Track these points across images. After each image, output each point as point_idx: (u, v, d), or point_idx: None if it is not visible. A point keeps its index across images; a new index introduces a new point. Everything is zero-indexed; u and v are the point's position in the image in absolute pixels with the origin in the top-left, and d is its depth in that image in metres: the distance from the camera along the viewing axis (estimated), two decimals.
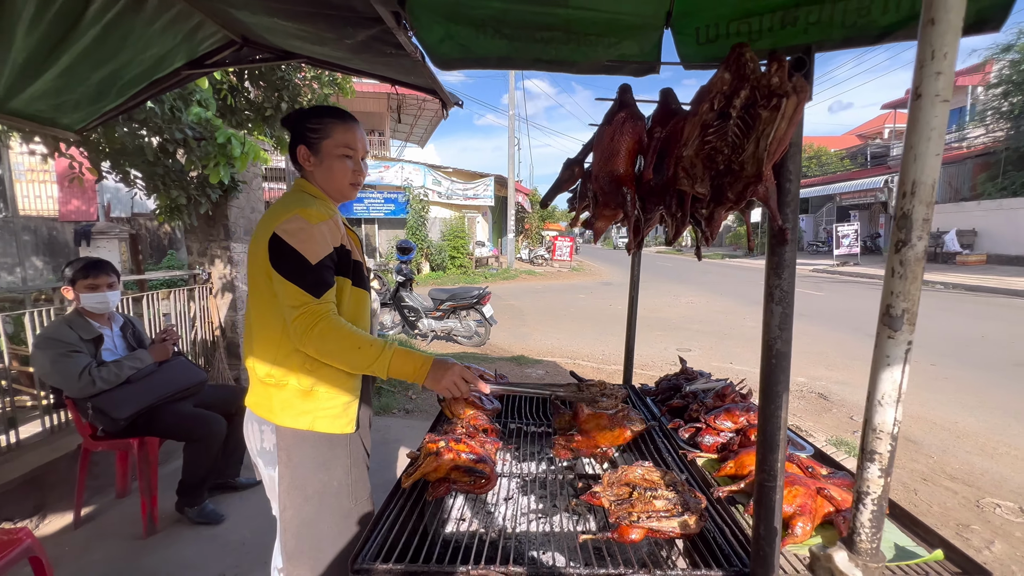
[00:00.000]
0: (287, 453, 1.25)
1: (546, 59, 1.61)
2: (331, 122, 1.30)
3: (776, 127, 0.61)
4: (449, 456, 1.10)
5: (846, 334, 7.26)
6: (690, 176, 0.75)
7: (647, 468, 1.01)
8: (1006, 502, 2.95)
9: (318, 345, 1.14)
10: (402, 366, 1.17)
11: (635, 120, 0.90)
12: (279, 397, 1.23)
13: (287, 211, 1.19)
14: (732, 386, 1.44)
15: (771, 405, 0.71)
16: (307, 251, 1.16)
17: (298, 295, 1.14)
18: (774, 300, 0.70)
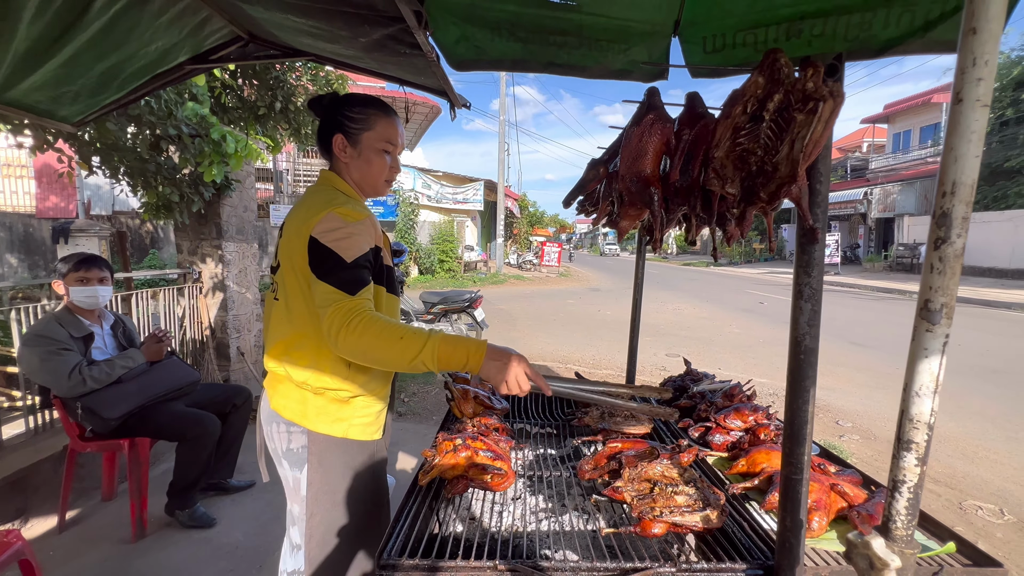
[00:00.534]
0: (319, 458, 1.21)
1: (559, 63, 1.63)
2: (375, 113, 1.25)
3: (812, 130, 0.63)
4: (467, 453, 1.10)
5: (829, 342, 7.42)
6: (720, 177, 0.77)
7: (666, 465, 1.03)
8: (987, 504, 3.04)
9: (355, 342, 1.02)
10: (452, 354, 1.02)
11: (663, 122, 0.92)
12: (315, 403, 1.19)
13: (320, 211, 1.13)
14: (739, 386, 1.47)
15: (798, 400, 0.73)
16: (342, 249, 1.10)
17: (330, 293, 1.06)
18: (803, 297, 0.72)
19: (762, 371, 5.81)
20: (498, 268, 19.03)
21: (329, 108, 1.27)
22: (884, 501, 1.04)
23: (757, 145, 0.72)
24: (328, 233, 1.11)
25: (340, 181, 1.28)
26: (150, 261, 12.63)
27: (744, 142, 0.73)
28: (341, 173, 1.29)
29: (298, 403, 1.20)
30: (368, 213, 1.21)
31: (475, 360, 1.04)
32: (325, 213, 1.13)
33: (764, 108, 0.70)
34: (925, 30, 1.40)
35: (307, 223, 1.13)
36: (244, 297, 4.39)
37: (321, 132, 1.28)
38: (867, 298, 12.65)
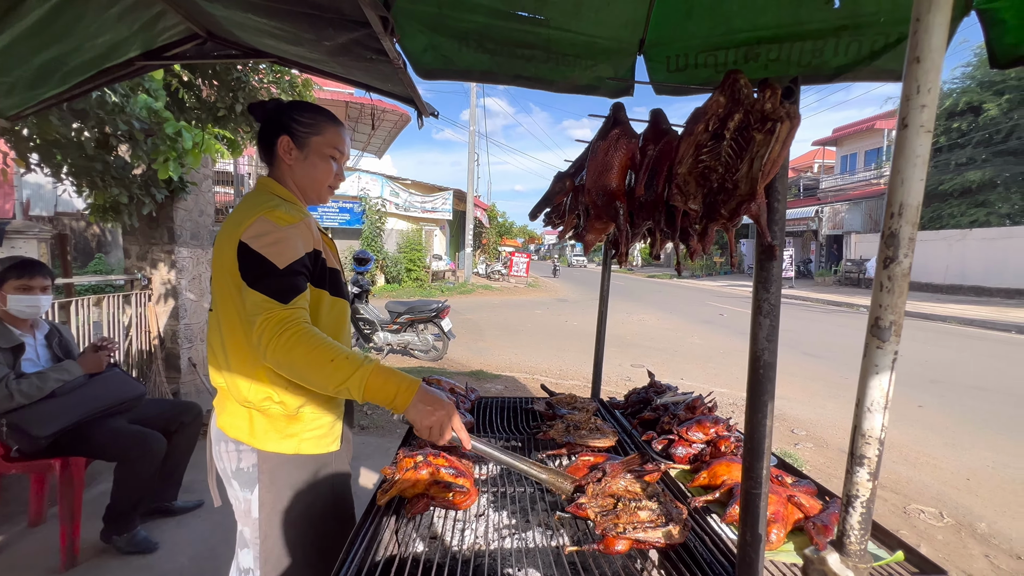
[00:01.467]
0: (270, 477, 1.15)
1: (526, 76, 1.65)
2: (324, 120, 1.24)
3: (771, 149, 0.65)
4: (428, 470, 1.07)
5: (784, 352, 7.69)
6: (683, 193, 0.78)
7: (629, 479, 1.02)
8: (929, 508, 3.20)
9: (283, 357, 0.98)
10: (382, 387, 1.00)
11: (628, 137, 0.93)
12: (261, 420, 1.13)
13: (251, 215, 1.09)
14: (701, 399, 1.49)
15: (757, 414, 0.74)
16: (274, 255, 1.05)
17: (261, 302, 1.01)
18: (762, 313, 0.73)
19: (723, 381, 5.97)
20: (466, 278, 18.94)
21: (274, 112, 1.25)
22: (839, 512, 1.07)
23: (718, 163, 0.73)
24: (258, 238, 1.06)
25: (278, 186, 1.23)
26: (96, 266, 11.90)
27: (706, 159, 0.75)
28: (282, 177, 1.24)
29: (243, 421, 1.14)
30: (304, 216, 1.16)
31: (403, 399, 1.01)
32: (256, 217, 1.08)
33: (725, 127, 0.72)
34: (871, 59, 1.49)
35: (238, 228, 1.08)
36: (199, 305, 4.18)
37: (264, 135, 1.24)
38: (818, 310, 13.28)
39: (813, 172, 30.49)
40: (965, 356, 7.68)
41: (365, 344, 7.00)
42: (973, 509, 3.18)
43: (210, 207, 4.35)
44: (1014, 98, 16.85)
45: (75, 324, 3.15)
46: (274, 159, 1.24)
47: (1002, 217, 17.41)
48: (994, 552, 2.75)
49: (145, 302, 3.78)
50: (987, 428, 4.59)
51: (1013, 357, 7.65)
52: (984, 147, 17.96)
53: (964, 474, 3.68)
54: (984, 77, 17.84)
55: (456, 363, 6.71)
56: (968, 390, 5.79)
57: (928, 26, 0.49)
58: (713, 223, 0.74)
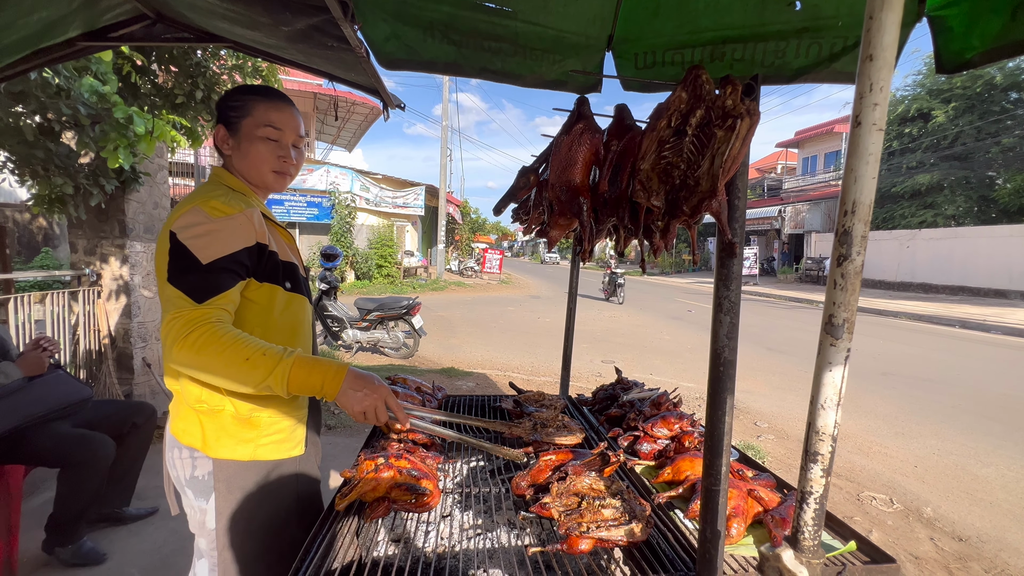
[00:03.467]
0: (226, 485, 1.08)
1: (493, 69, 1.62)
2: (253, 99, 1.14)
3: (731, 146, 0.65)
4: (389, 474, 1.03)
5: (748, 347, 7.98)
6: (646, 189, 0.77)
7: (594, 478, 1.02)
8: (880, 495, 3.36)
9: (191, 358, 0.92)
10: (306, 379, 0.95)
11: (592, 132, 0.92)
12: (213, 425, 1.07)
13: (188, 204, 1.03)
14: (666, 395, 1.51)
15: (718, 411, 0.74)
16: (198, 248, 0.97)
17: (175, 299, 0.95)
18: (723, 310, 0.73)
19: (690, 376, 6.11)
20: (439, 274, 18.77)
21: (219, 103, 1.19)
22: (792, 503, 1.10)
23: (680, 159, 0.72)
24: (186, 229, 0.99)
25: (228, 175, 1.16)
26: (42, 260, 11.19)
27: (668, 155, 0.74)
28: (229, 168, 1.18)
29: (195, 426, 1.08)
30: (245, 207, 1.08)
31: (332, 386, 0.97)
32: (191, 206, 1.02)
33: (687, 123, 0.71)
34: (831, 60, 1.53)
35: (174, 217, 1.02)
36: (154, 302, 3.98)
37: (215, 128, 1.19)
38: (781, 307, 13.77)
39: (776, 173, 31.55)
40: (914, 350, 8.10)
41: (334, 341, 6.84)
42: (920, 495, 3.36)
43: (166, 199, 4.14)
44: (959, 106, 17.84)
45: (14, 324, 2.94)
46: (220, 152, 1.18)
47: (948, 218, 18.45)
48: (938, 535, 2.91)
49: (94, 299, 3.57)
50: (933, 417, 4.86)
51: (957, 350, 8.12)
52: (932, 152, 18.97)
53: (912, 462, 3.88)
54: (933, 85, 18.83)
55: (427, 361, 6.64)
56: (916, 382, 6.11)
57: (880, 24, 0.49)
58: (675, 220, 0.73)
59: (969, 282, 15.69)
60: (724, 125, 0.66)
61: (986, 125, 17.37)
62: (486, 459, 1.68)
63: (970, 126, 17.69)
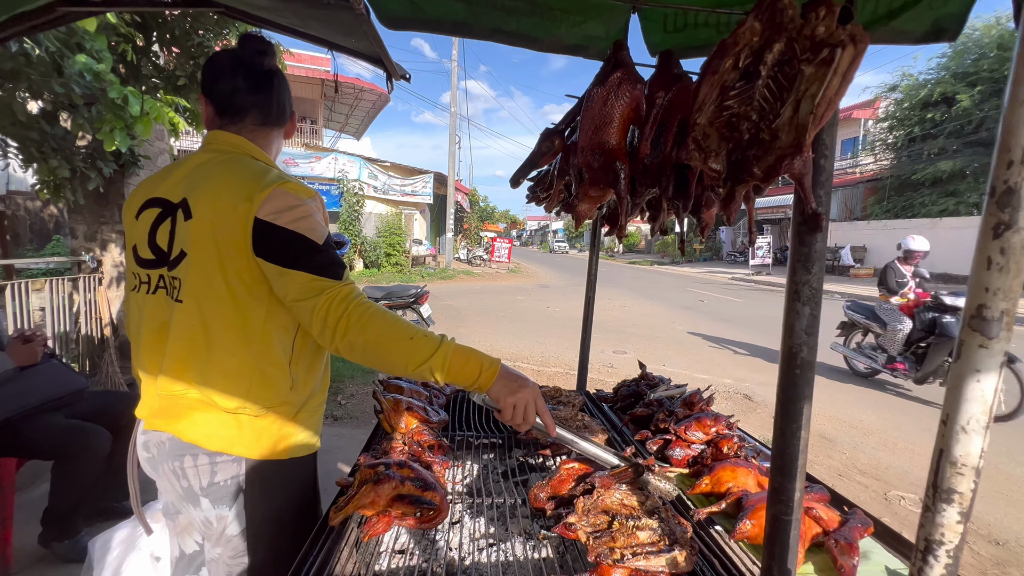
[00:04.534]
0: (261, 487, 1.02)
1: (507, 31, 1.46)
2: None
3: (826, 85, 0.49)
4: (390, 484, 0.91)
5: (765, 339, 7.78)
6: (702, 149, 0.62)
7: (625, 492, 0.89)
8: (908, 494, 3.20)
9: (357, 337, 0.88)
10: (464, 365, 0.92)
11: (633, 83, 0.76)
12: (255, 426, 0.98)
13: (258, 186, 0.93)
14: (699, 393, 1.37)
15: (792, 424, 0.59)
16: (308, 230, 0.93)
17: (312, 282, 0.90)
18: (801, 299, 0.58)
19: (703, 367, 5.96)
20: (447, 263, 18.66)
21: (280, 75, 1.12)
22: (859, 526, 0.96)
23: (751, 108, 0.57)
24: (283, 213, 0.92)
25: (258, 151, 1.09)
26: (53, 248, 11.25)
27: (733, 105, 0.59)
28: (261, 142, 1.10)
29: (230, 429, 0.97)
30: (316, 192, 1.04)
31: (487, 377, 0.93)
32: (270, 190, 0.93)
33: (761, 61, 0.56)
34: (889, 18, 1.35)
35: (247, 202, 0.92)
36: None
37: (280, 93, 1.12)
38: None
39: None
40: None
41: None
42: None
43: None
44: (986, 89, 17.18)
45: (12, 311, 2.87)
46: (274, 125, 1.12)
47: (971, 207, 17.89)
48: (973, 538, 2.76)
49: (95, 286, 3.49)
50: None
51: None
52: (956, 138, 18.34)
53: None
54: (958, 68, 18.14)
55: None
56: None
57: None
58: (742, 185, 0.58)
59: None
60: (816, 59, 0.51)
61: None
62: (498, 459, 1.55)
63: (997, 111, 17.03)
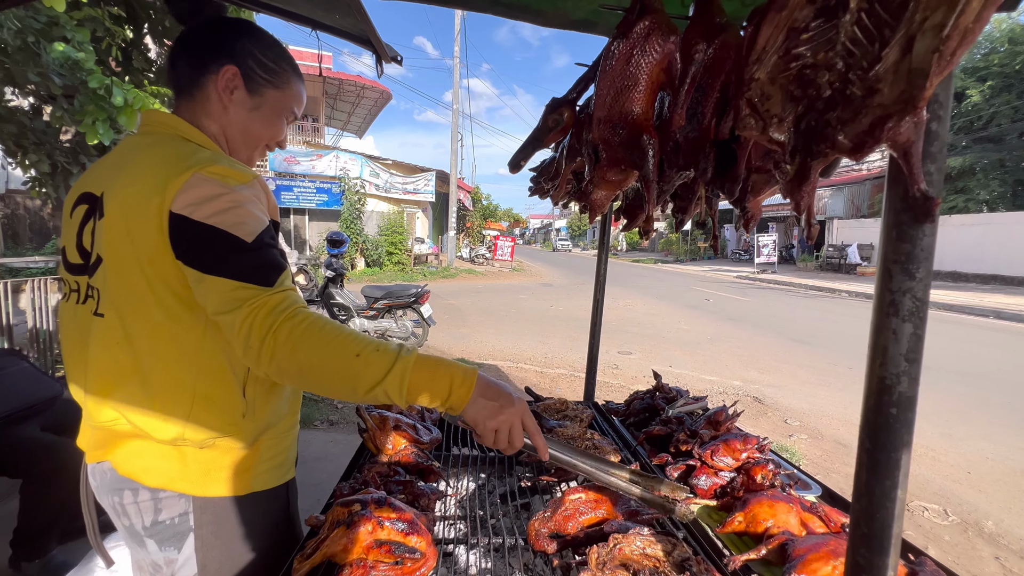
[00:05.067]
0: (213, 529, 0.86)
1: (506, 2, 1.30)
2: (290, 74, 0.95)
3: (963, 6, 0.34)
4: (367, 527, 0.76)
5: (772, 338, 7.60)
6: (759, 115, 0.47)
7: (647, 538, 0.74)
8: (932, 505, 3.04)
9: (287, 360, 0.71)
10: (430, 381, 0.73)
11: (664, 34, 0.60)
12: (200, 459, 0.83)
13: (175, 172, 0.76)
14: (724, 410, 1.21)
15: (884, 481, 0.44)
16: (233, 225, 0.75)
17: (235, 291, 0.73)
18: (900, 314, 0.43)
19: (711, 368, 5.79)
20: (450, 261, 18.52)
21: (229, 26, 0.90)
22: None
23: (833, 54, 0.42)
24: (202, 205, 0.74)
25: (196, 132, 0.87)
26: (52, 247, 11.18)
27: (806, 53, 0.44)
28: (199, 119, 0.89)
29: (172, 462, 0.82)
30: (255, 176, 0.84)
31: (460, 396, 0.75)
32: (187, 177, 0.75)
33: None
34: None
35: (160, 193, 0.75)
36: None
37: (194, 51, 0.88)
38: (801, 295, 13.28)
39: None
40: (948, 342, 7.66)
41: None
42: (978, 505, 3.03)
43: None
44: (996, 84, 16.90)
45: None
46: (199, 91, 0.88)
47: (980, 203, 17.62)
48: (1004, 553, 2.59)
49: None
50: (981, 417, 4.49)
51: (994, 342, 7.66)
52: (965, 133, 18.06)
53: (964, 467, 3.54)
54: (968, 63, 17.84)
55: (437, 350, 6.40)
56: (957, 376, 5.71)
57: None
58: (819, 160, 0.43)
59: (1002, 270, 14.98)
60: None
61: None
62: (497, 479, 1.41)
63: (1007, 106, 16.77)
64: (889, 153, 0.41)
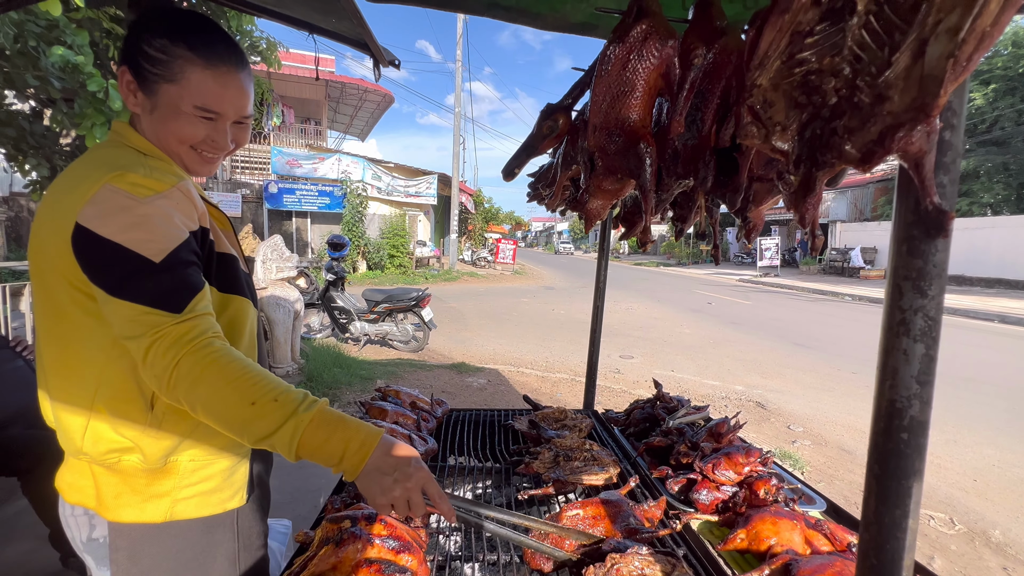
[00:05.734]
0: (128, 554, 0.81)
1: (505, 5, 1.28)
2: (186, 61, 0.79)
3: (980, 8, 0.32)
4: (357, 545, 0.74)
5: (775, 342, 7.55)
6: (762, 122, 0.45)
7: (645, 558, 0.71)
8: (938, 513, 3.00)
9: (188, 392, 0.69)
10: (323, 444, 0.70)
11: (663, 38, 0.58)
12: (110, 481, 0.79)
13: (91, 181, 0.72)
14: (726, 421, 1.18)
15: (894, 510, 0.42)
16: (138, 243, 0.71)
17: (141, 316, 0.69)
18: (911, 333, 0.41)
19: (713, 373, 5.75)
20: (451, 265, 18.52)
21: (133, 24, 0.83)
22: None
23: (840, 59, 0.40)
24: (108, 219, 0.71)
25: (136, 136, 0.83)
26: None
27: (812, 57, 0.41)
28: (136, 124, 0.85)
29: (84, 480, 0.80)
30: (176, 178, 0.80)
31: (353, 462, 0.71)
32: (98, 186, 0.72)
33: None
34: None
35: (69, 205, 0.72)
36: None
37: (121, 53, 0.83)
38: (804, 299, 13.22)
39: None
40: (952, 347, 7.59)
41: (341, 334, 6.62)
42: (984, 514, 2.98)
43: None
44: (1000, 88, 16.84)
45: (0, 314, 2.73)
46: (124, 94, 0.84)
47: (984, 207, 17.54)
48: (1012, 564, 2.55)
49: None
50: (986, 423, 4.44)
51: (999, 347, 7.60)
52: (969, 136, 18.00)
53: (970, 475, 3.49)
54: None
55: (437, 354, 6.38)
56: (961, 382, 5.66)
57: None
58: (824, 170, 0.41)
59: (1007, 274, 14.89)
60: None
61: None
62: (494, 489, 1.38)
63: (1011, 109, 16.70)
64: (900, 163, 0.39)
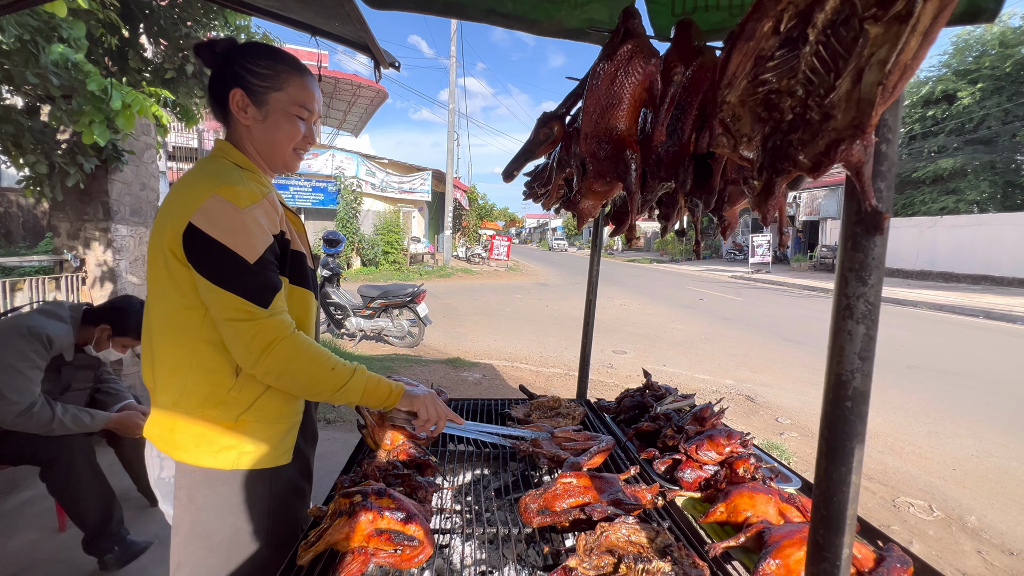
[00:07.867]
0: (188, 493, 0.98)
1: (502, 12, 1.34)
2: (286, 71, 1.01)
3: (902, 47, 0.39)
4: (367, 517, 0.80)
5: (764, 337, 7.69)
6: (731, 133, 0.52)
7: (631, 526, 0.78)
8: (917, 501, 3.11)
9: (281, 367, 0.91)
10: (376, 388, 1.04)
11: (646, 57, 0.65)
12: (188, 430, 0.96)
13: (201, 191, 0.91)
14: (710, 407, 1.26)
15: (840, 467, 0.49)
16: (240, 246, 0.89)
17: (238, 306, 0.89)
18: (854, 316, 0.48)
19: (704, 368, 5.86)
20: (446, 261, 18.54)
21: (225, 56, 1.01)
22: (900, 565, 0.86)
23: (795, 82, 0.47)
24: (217, 224, 0.89)
25: (236, 152, 1.03)
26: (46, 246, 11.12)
27: (772, 79, 0.48)
28: (240, 140, 1.03)
29: (167, 431, 0.96)
30: (266, 191, 0.99)
31: (397, 395, 1.07)
32: (209, 195, 0.91)
33: (809, 22, 0.45)
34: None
35: (185, 206, 0.90)
36: (142, 290, 3.78)
37: (214, 86, 1.01)
38: (794, 295, 13.40)
39: None
40: (938, 341, 7.77)
41: (337, 330, 6.66)
42: (962, 501, 3.10)
43: (155, 181, 3.91)
44: (987, 87, 17.09)
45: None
46: (228, 117, 1.03)
47: (970, 204, 17.82)
48: (986, 548, 2.66)
49: (78, 286, 3.37)
50: (967, 415, 4.58)
51: (983, 342, 7.78)
52: (956, 135, 18.26)
53: (949, 464, 3.62)
54: (960, 66, 18.04)
55: (433, 350, 6.43)
56: (945, 375, 5.81)
57: None
58: (783, 176, 0.48)
59: (992, 271, 15.18)
60: (886, 15, 0.40)
61: (1015, 107, 16.63)
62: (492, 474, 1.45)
63: (998, 108, 16.96)
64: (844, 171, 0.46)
